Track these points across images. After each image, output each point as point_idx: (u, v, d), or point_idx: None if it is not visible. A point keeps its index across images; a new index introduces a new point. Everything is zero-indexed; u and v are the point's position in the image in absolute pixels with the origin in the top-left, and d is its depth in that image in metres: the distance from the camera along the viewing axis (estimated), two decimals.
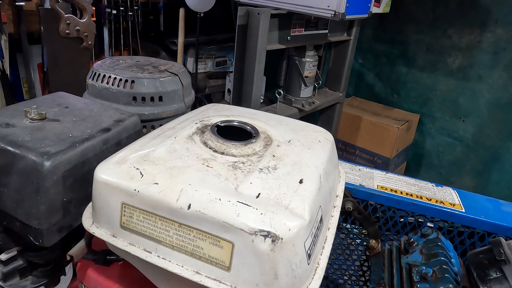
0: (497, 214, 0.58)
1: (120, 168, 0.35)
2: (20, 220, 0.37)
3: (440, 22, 1.74)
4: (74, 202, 0.39)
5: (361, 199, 0.61)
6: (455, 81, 1.76)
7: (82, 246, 0.44)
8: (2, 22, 1.22)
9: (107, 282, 0.44)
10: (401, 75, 1.94)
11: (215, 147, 0.40)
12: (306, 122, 0.51)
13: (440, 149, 1.90)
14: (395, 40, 1.92)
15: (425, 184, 0.65)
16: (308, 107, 1.50)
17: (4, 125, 0.40)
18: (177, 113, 0.61)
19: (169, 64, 0.67)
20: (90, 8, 0.79)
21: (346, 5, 1.11)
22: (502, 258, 0.43)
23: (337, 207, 0.44)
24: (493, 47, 1.62)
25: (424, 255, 0.50)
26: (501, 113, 1.65)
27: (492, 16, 1.59)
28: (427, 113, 1.89)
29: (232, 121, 0.46)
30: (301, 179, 0.36)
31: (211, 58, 1.68)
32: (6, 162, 0.36)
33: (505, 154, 1.69)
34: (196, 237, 0.31)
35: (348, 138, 1.87)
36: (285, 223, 0.30)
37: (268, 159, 0.38)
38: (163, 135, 0.41)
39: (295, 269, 0.30)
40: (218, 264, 0.31)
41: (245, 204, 0.31)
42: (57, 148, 0.37)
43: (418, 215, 0.60)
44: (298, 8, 1.18)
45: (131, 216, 0.34)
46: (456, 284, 0.45)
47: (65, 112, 0.46)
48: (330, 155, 0.43)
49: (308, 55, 1.46)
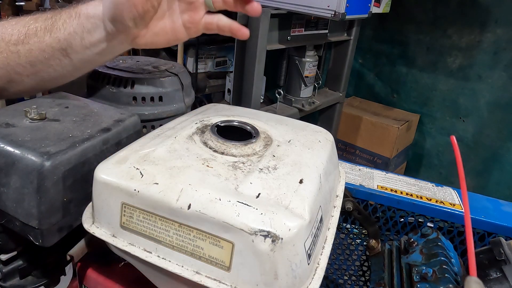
0: (497, 214, 0.58)
1: (120, 168, 0.35)
2: (20, 220, 0.37)
3: (440, 22, 1.74)
4: (74, 202, 0.40)
5: (361, 199, 0.61)
6: (455, 81, 1.76)
7: (82, 246, 0.44)
8: None
9: (107, 282, 0.44)
10: (401, 75, 1.94)
11: (215, 147, 0.40)
12: (306, 122, 0.51)
13: (440, 149, 1.90)
14: (395, 40, 1.92)
15: (425, 184, 0.65)
16: (308, 107, 1.50)
17: (4, 125, 0.40)
18: (177, 113, 0.61)
19: (169, 64, 0.67)
20: None
21: (346, 5, 1.11)
22: (502, 258, 0.44)
23: (337, 207, 0.44)
24: (493, 47, 1.62)
25: (424, 255, 0.50)
26: (501, 113, 1.66)
27: (492, 16, 1.59)
28: (427, 113, 1.89)
29: (232, 121, 0.46)
30: (301, 179, 0.36)
31: (211, 58, 1.68)
32: (6, 162, 0.36)
33: (505, 154, 1.69)
34: (196, 237, 0.31)
35: (348, 138, 1.87)
36: (285, 223, 0.30)
37: (268, 159, 0.38)
38: (163, 135, 0.42)
39: (295, 269, 0.31)
40: (218, 264, 0.31)
41: (245, 204, 0.31)
42: (57, 148, 0.37)
43: (418, 215, 0.60)
44: (298, 8, 1.18)
45: (131, 216, 0.34)
46: (456, 284, 0.45)
47: (65, 112, 0.46)
48: (330, 155, 0.43)
49: (308, 55, 1.46)
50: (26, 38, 0.46)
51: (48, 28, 0.46)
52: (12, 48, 0.46)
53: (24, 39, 0.46)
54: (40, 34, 0.46)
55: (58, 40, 0.46)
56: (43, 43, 0.46)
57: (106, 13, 0.44)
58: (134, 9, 0.42)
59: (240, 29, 0.47)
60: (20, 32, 0.46)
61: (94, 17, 0.45)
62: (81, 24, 0.45)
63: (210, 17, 0.47)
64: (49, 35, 0.46)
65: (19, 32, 0.46)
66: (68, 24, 0.46)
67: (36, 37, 0.46)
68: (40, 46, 0.46)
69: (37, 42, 0.46)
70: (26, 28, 0.46)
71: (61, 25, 0.46)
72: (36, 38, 0.46)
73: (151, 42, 0.47)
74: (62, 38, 0.46)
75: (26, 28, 0.46)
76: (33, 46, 0.46)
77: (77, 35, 0.46)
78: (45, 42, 0.46)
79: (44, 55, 0.46)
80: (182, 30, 0.47)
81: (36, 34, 0.46)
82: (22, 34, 0.46)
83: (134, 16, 0.43)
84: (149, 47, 0.48)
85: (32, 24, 0.46)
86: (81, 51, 0.47)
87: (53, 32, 0.46)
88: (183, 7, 0.46)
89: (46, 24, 0.46)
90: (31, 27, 0.46)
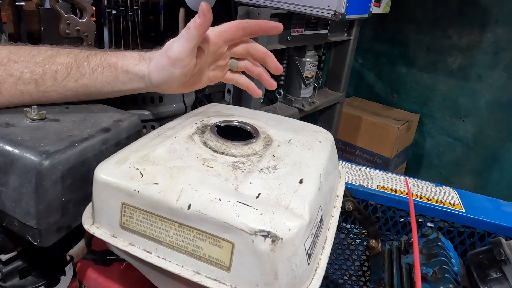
0: (497, 214, 0.58)
1: (120, 168, 0.35)
2: (19, 220, 0.37)
3: (440, 22, 1.74)
4: (73, 202, 0.39)
5: (361, 199, 0.61)
6: (455, 81, 1.76)
7: (82, 246, 0.44)
8: (2, 22, 1.22)
9: (107, 282, 0.44)
10: (401, 75, 1.94)
11: (215, 147, 0.40)
12: (306, 122, 0.51)
13: (440, 149, 1.90)
14: (395, 40, 1.92)
15: (425, 184, 0.65)
16: (308, 107, 1.50)
17: (4, 124, 0.40)
18: (177, 113, 0.61)
19: None
20: (90, 8, 0.79)
21: (346, 5, 1.11)
22: (502, 258, 0.43)
23: (337, 207, 0.44)
24: (493, 47, 1.62)
25: (424, 255, 0.50)
26: (501, 113, 1.66)
27: (492, 16, 1.59)
28: (427, 113, 1.89)
29: (232, 121, 0.46)
30: (301, 179, 0.36)
31: None
32: (5, 161, 0.36)
33: (505, 154, 1.69)
34: (196, 237, 0.31)
35: (348, 138, 1.87)
36: (285, 223, 0.30)
37: (268, 159, 0.38)
38: (163, 135, 0.41)
39: (295, 269, 0.30)
40: (218, 264, 0.31)
41: (245, 204, 0.31)
42: (56, 147, 0.37)
43: (418, 215, 0.60)
44: (298, 8, 1.18)
45: (131, 216, 0.34)
46: (456, 284, 0.44)
47: (66, 112, 0.46)
48: (330, 155, 0.43)
49: (308, 55, 1.46)
50: (42, 80, 0.43)
51: (72, 74, 0.44)
52: (23, 87, 0.42)
53: (38, 80, 0.43)
54: (60, 78, 0.43)
55: (86, 87, 0.45)
56: (64, 88, 0.44)
57: (154, 80, 0.44)
58: (185, 78, 0.45)
59: (255, 89, 0.51)
60: (33, 71, 0.42)
61: (133, 73, 0.45)
62: (116, 76, 0.45)
63: (231, 75, 0.51)
64: (74, 81, 0.44)
65: (31, 70, 0.42)
66: (99, 73, 0.45)
67: (53, 80, 0.43)
68: (58, 90, 0.44)
69: (54, 85, 0.43)
70: (41, 69, 0.43)
71: (90, 74, 0.44)
72: (54, 82, 0.43)
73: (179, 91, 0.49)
74: (92, 85, 0.45)
75: (41, 68, 0.43)
76: (50, 89, 0.44)
77: (109, 84, 0.45)
78: (67, 87, 0.44)
79: (62, 96, 0.45)
80: (205, 83, 0.50)
81: (54, 77, 0.43)
82: (37, 74, 0.42)
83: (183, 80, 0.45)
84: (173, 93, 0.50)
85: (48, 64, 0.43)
86: (107, 94, 0.47)
87: (79, 79, 0.44)
88: (212, 67, 0.49)
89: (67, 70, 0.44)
90: (48, 69, 0.43)
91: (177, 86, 0.47)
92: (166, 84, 0.45)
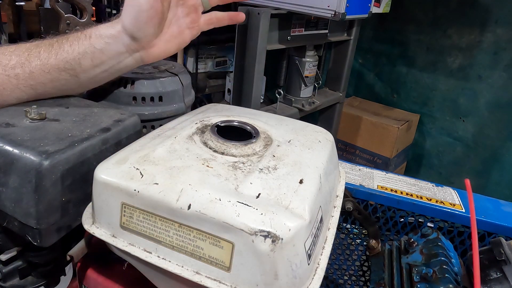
0: (497, 214, 0.58)
1: (120, 168, 0.35)
2: (19, 220, 0.37)
3: (440, 22, 1.74)
4: (73, 202, 0.39)
5: (361, 199, 0.61)
6: (455, 81, 1.76)
7: (82, 246, 0.44)
8: (2, 22, 1.22)
9: (107, 282, 0.44)
10: (401, 75, 1.94)
11: (215, 147, 0.39)
12: (306, 122, 0.51)
13: (440, 149, 1.90)
14: (395, 40, 1.92)
15: (425, 184, 0.65)
16: (308, 107, 1.50)
17: (4, 124, 0.40)
18: (177, 113, 0.61)
19: (169, 64, 0.67)
20: (90, 8, 0.79)
21: (346, 5, 1.11)
22: (503, 258, 0.43)
23: (337, 207, 0.44)
24: (493, 47, 1.62)
25: (424, 255, 0.50)
26: (501, 113, 1.66)
27: (492, 16, 1.59)
28: (427, 113, 1.89)
29: (232, 121, 0.46)
30: (301, 179, 0.35)
31: (211, 58, 1.68)
32: (5, 161, 0.36)
33: (505, 154, 1.69)
34: (196, 237, 0.31)
35: (348, 138, 1.87)
36: (285, 223, 0.30)
37: (268, 159, 0.38)
38: (163, 135, 0.41)
39: (295, 269, 0.30)
40: (218, 264, 0.31)
41: (245, 204, 0.31)
42: (56, 147, 0.37)
43: (418, 215, 0.60)
44: (298, 8, 1.18)
45: (131, 216, 0.34)
46: (457, 284, 0.44)
47: (65, 112, 0.46)
48: (330, 155, 0.43)
49: (308, 55, 1.46)
50: (27, 62, 0.45)
51: (53, 51, 0.45)
52: (10, 72, 0.45)
53: (24, 62, 0.45)
54: (43, 57, 0.45)
55: (65, 61, 0.46)
56: (47, 65, 0.45)
57: (128, 27, 0.45)
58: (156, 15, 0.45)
59: (237, 14, 0.55)
60: (20, 56, 0.45)
61: (108, 36, 0.46)
62: (92, 44, 0.46)
63: (208, 14, 0.54)
64: (54, 57, 0.45)
65: (18, 56, 0.45)
66: (76, 45, 0.46)
67: (38, 60, 0.45)
68: (43, 68, 0.45)
69: (39, 65, 0.45)
70: (27, 53, 0.45)
71: (68, 47, 0.46)
72: (39, 61, 0.45)
73: (164, 50, 0.50)
74: (71, 58, 0.46)
75: (27, 53, 0.45)
76: (35, 69, 0.45)
77: (88, 54, 0.46)
78: (50, 64, 0.45)
79: (48, 76, 0.46)
80: (187, 32, 0.52)
81: (38, 57, 0.45)
82: (23, 58, 0.45)
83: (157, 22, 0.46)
84: (162, 58, 0.51)
85: (34, 48, 0.46)
86: (90, 70, 0.47)
87: (59, 54, 0.45)
88: (185, 12, 0.51)
89: (49, 48, 0.46)
90: (33, 51, 0.45)
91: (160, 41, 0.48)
92: (142, 30, 0.45)
